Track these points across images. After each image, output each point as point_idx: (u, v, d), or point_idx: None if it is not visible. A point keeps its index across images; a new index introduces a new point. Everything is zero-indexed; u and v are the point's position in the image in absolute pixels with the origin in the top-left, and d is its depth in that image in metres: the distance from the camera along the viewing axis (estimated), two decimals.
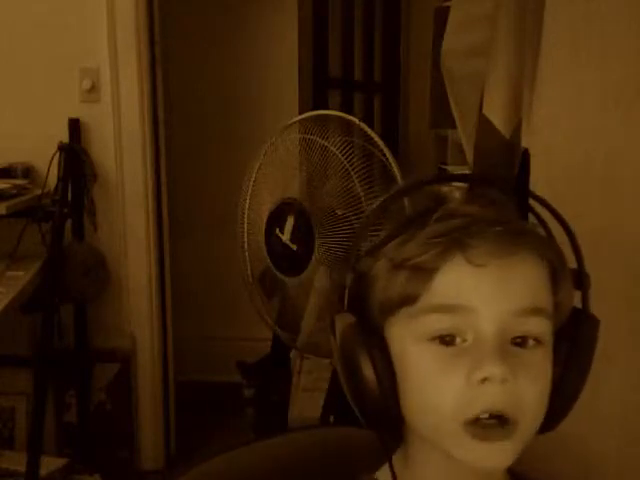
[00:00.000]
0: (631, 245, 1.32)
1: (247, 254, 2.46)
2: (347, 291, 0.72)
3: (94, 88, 2.65)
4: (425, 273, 0.68)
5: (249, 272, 2.46)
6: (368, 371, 0.70)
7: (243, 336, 3.43)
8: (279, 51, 3.59)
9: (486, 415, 0.66)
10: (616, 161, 1.35)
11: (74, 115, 2.65)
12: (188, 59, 3.54)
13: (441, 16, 2.42)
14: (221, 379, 3.34)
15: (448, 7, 2.04)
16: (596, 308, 0.72)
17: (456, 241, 0.68)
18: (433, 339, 0.68)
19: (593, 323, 0.74)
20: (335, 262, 2.09)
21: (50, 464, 2.53)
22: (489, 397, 0.66)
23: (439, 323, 0.68)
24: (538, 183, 1.51)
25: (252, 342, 3.00)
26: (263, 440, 0.95)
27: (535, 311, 0.69)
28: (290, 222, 2.27)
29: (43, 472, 2.44)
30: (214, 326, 3.67)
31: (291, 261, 2.28)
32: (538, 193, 0.73)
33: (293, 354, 2.52)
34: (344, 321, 0.72)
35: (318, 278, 2.08)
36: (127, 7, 2.62)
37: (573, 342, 0.72)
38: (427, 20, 3.11)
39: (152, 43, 2.77)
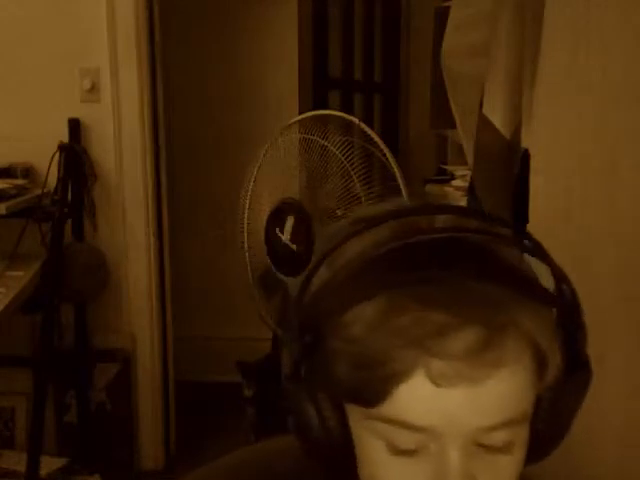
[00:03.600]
0: (631, 245, 1.32)
1: (247, 254, 2.46)
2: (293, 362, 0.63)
3: (94, 88, 2.65)
4: (381, 380, 0.58)
5: (249, 272, 2.46)
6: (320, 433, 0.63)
7: (243, 336, 3.43)
8: (279, 51, 3.59)
9: None
10: (616, 161, 1.35)
11: (74, 115, 2.65)
12: (188, 59, 3.54)
13: (441, 16, 2.42)
14: (221, 379, 3.34)
15: (448, 7, 2.04)
16: (596, 308, 0.71)
17: (420, 355, 0.57)
18: (391, 447, 0.60)
19: (586, 377, 0.65)
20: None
21: (50, 464, 2.53)
22: None
23: (399, 437, 0.60)
24: (538, 183, 1.51)
25: (252, 342, 3.00)
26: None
27: (509, 423, 0.60)
28: (290, 222, 2.27)
29: (43, 472, 2.44)
30: (214, 326, 3.67)
31: (291, 261, 2.28)
32: (538, 193, 0.71)
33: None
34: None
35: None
36: (127, 7, 2.62)
37: (560, 395, 0.64)
38: (427, 20, 3.12)
39: (152, 43, 2.77)
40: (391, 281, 0.59)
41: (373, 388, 0.58)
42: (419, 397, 0.58)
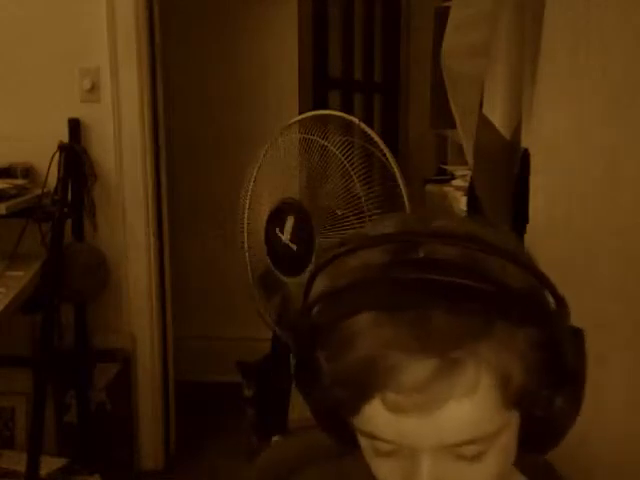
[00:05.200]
0: (631, 245, 1.32)
1: (247, 254, 2.46)
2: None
3: (94, 88, 2.65)
4: (351, 398, 0.65)
5: (249, 272, 2.46)
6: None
7: (243, 336, 3.43)
8: (279, 51, 3.58)
9: None
10: (616, 161, 1.35)
11: (74, 115, 2.65)
12: (188, 59, 3.54)
13: (441, 16, 2.42)
14: (221, 379, 3.34)
15: (448, 7, 2.04)
16: (596, 307, 0.71)
17: (373, 384, 0.62)
18: (374, 448, 0.67)
19: (579, 339, 0.67)
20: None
21: (50, 464, 2.53)
22: None
23: (373, 444, 0.66)
24: (538, 183, 1.51)
25: (252, 342, 3.00)
26: None
27: (474, 441, 0.63)
28: (290, 222, 2.27)
29: (43, 472, 2.44)
30: (214, 326, 3.67)
31: (291, 261, 2.28)
32: (538, 193, 0.71)
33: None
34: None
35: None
36: (127, 7, 2.62)
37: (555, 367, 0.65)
38: (427, 20, 3.12)
39: (152, 43, 2.77)
40: (364, 303, 0.63)
41: (345, 404, 0.65)
42: (379, 418, 0.63)
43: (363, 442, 0.68)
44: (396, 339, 0.61)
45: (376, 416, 0.63)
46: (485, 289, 0.62)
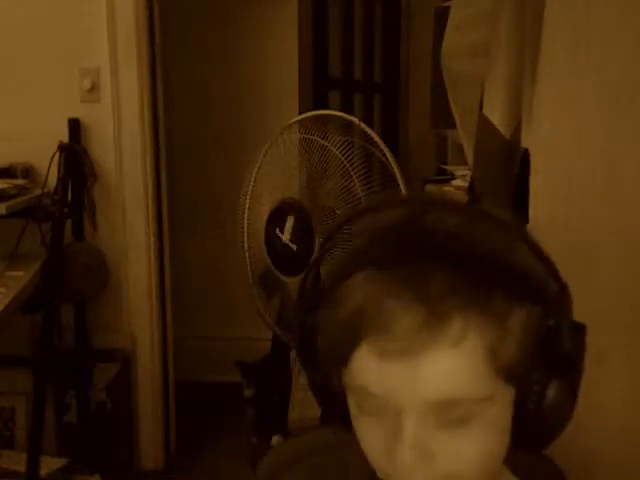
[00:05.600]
0: (632, 245, 1.32)
1: (247, 254, 2.46)
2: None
3: (94, 88, 2.65)
4: (340, 356, 0.67)
5: (249, 272, 2.46)
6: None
7: (243, 336, 3.43)
8: (279, 51, 3.59)
9: None
10: (616, 161, 1.35)
11: (74, 115, 2.65)
12: (188, 59, 3.54)
13: (441, 16, 2.42)
14: (221, 379, 3.34)
15: (448, 7, 2.04)
16: (596, 307, 0.71)
17: (362, 330, 0.64)
18: (359, 406, 0.68)
19: (579, 333, 0.67)
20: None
21: (50, 464, 2.53)
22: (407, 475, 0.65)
23: (360, 400, 0.67)
24: (538, 183, 1.51)
25: (252, 342, 3.00)
26: None
27: (460, 402, 0.63)
28: (290, 222, 2.27)
29: (43, 472, 2.44)
30: (214, 326, 3.67)
31: (291, 261, 2.28)
32: (538, 193, 0.71)
33: (293, 354, 2.52)
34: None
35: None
36: (127, 7, 2.62)
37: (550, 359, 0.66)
38: (427, 20, 3.12)
39: (152, 43, 2.77)
40: (364, 262, 0.66)
41: (337, 356, 0.67)
42: (367, 367, 0.64)
43: (351, 404, 0.69)
44: (389, 289, 0.63)
45: (364, 365, 0.64)
46: (487, 261, 0.63)
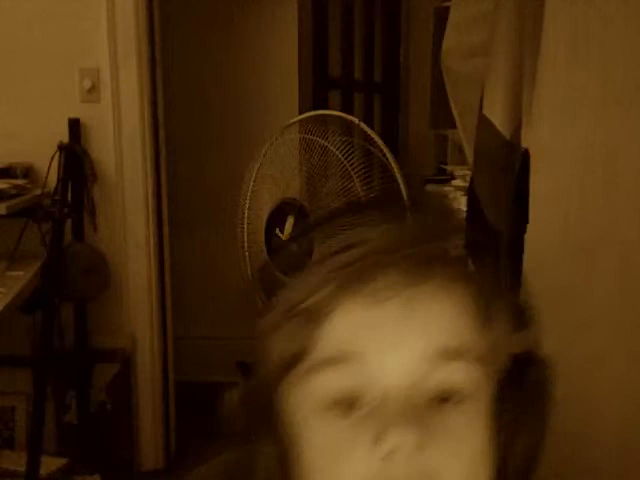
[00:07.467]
0: (631, 244, 1.32)
1: (247, 254, 2.46)
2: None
3: (94, 88, 2.65)
4: (315, 319, 0.56)
5: (249, 272, 2.46)
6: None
7: (243, 336, 3.42)
8: (279, 51, 3.59)
9: None
10: (616, 161, 1.35)
11: (74, 115, 2.65)
12: (188, 59, 3.54)
13: (441, 16, 2.42)
14: (221, 379, 3.33)
15: (448, 7, 2.04)
16: (596, 306, 0.71)
17: (349, 277, 0.56)
18: (329, 408, 0.56)
19: (540, 368, 0.61)
20: None
21: (50, 464, 2.53)
22: (399, 475, 0.53)
23: (330, 382, 0.56)
24: (538, 183, 1.51)
25: (252, 342, 2.99)
26: None
27: (453, 354, 0.56)
28: (290, 222, 2.27)
29: (43, 472, 2.44)
30: (214, 326, 3.67)
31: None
32: (538, 193, 0.71)
33: None
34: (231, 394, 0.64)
35: None
36: (127, 7, 2.62)
37: (518, 394, 0.60)
38: (427, 20, 3.12)
39: (152, 43, 2.77)
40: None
41: (310, 326, 0.57)
42: (350, 321, 0.56)
43: (311, 399, 0.58)
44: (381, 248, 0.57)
45: (350, 316, 0.56)
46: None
